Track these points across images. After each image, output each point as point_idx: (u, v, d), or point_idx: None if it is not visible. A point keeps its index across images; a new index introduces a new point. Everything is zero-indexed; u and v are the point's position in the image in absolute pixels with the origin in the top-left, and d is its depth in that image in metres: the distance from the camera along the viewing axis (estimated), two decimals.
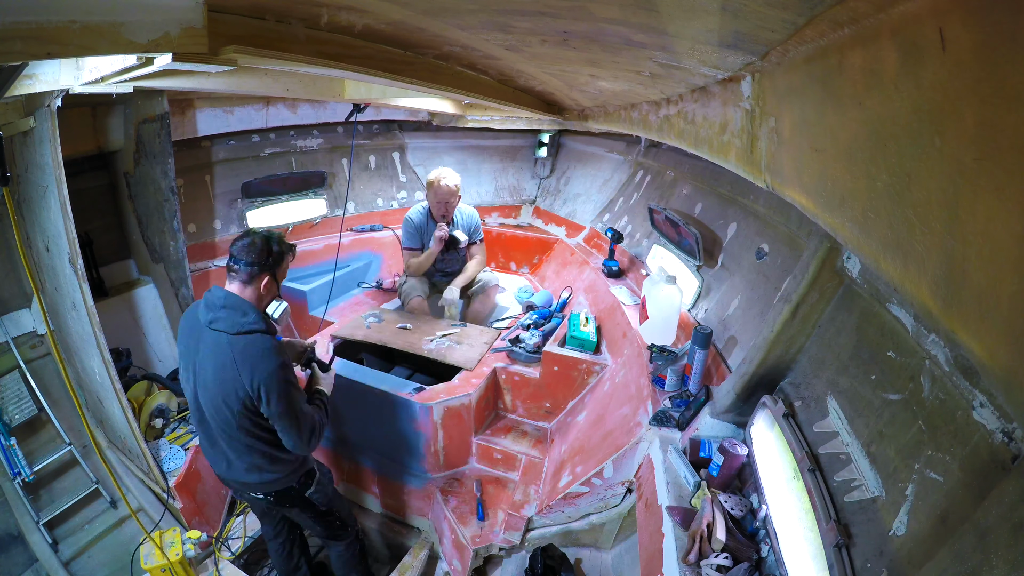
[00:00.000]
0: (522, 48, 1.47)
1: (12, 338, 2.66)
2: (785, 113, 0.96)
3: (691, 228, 2.53)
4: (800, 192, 0.95)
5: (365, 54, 1.50)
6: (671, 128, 1.75)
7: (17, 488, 2.55)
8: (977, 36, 0.48)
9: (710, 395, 1.95)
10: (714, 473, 1.67)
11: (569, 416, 2.87)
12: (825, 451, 1.36)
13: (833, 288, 1.52)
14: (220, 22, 1.16)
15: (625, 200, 3.99)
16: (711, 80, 1.26)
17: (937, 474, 1.01)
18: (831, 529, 1.19)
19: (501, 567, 2.48)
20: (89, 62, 1.60)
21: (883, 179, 0.66)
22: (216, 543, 2.58)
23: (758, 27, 0.79)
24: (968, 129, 0.51)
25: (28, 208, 2.33)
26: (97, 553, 2.65)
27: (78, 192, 2.17)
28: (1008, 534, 0.75)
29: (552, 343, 2.95)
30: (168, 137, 2.80)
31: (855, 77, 0.70)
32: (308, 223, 4.18)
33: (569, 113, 3.20)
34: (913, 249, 0.63)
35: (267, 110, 3.79)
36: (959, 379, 1.01)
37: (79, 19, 0.97)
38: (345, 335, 3.28)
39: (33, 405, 2.67)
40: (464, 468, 2.92)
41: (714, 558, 1.42)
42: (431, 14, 1.21)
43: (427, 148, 4.85)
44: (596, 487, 2.24)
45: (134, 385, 2.83)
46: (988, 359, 0.57)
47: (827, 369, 1.49)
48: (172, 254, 3.01)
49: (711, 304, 2.41)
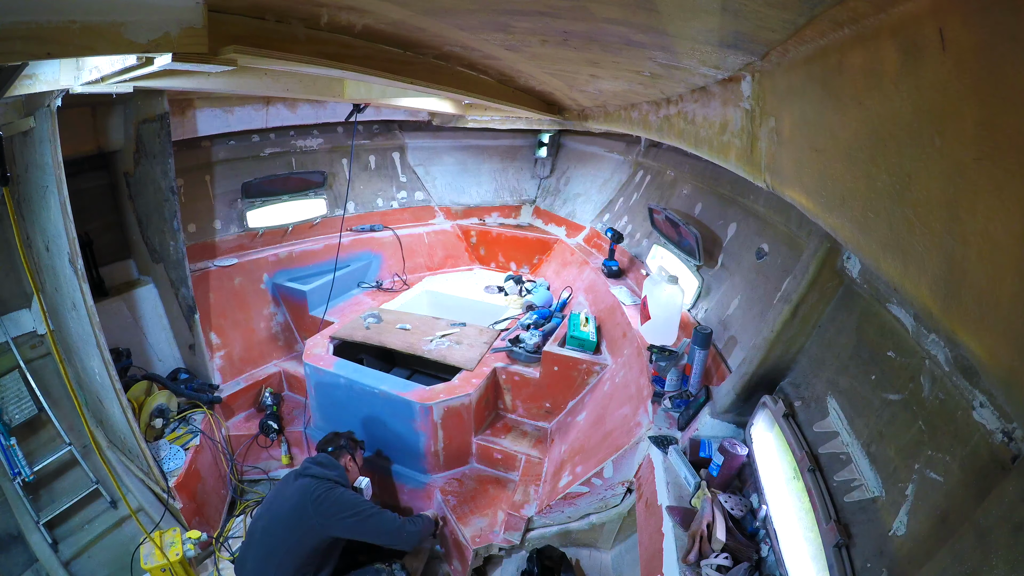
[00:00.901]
0: (522, 48, 1.47)
1: (12, 338, 2.66)
2: (785, 113, 0.96)
3: (691, 228, 2.53)
4: (800, 192, 0.94)
5: (365, 54, 1.50)
6: (671, 128, 1.75)
7: (17, 488, 2.54)
8: (977, 36, 0.48)
9: (710, 395, 1.95)
10: (714, 473, 1.67)
11: (569, 416, 2.87)
12: (825, 451, 1.36)
13: (833, 288, 1.52)
14: (220, 22, 1.16)
15: (625, 200, 3.99)
16: (711, 80, 1.26)
17: (937, 474, 1.01)
18: (831, 529, 1.19)
19: (501, 567, 2.48)
20: (89, 62, 1.60)
21: (883, 179, 0.66)
22: (216, 543, 2.58)
23: (758, 27, 0.79)
24: (968, 129, 0.51)
25: (28, 208, 2.33)
26: (97, 553, 2.64)
27: (78, 192, 2.17)
28: (1008, 534, 0.75)
29: (552, 343, 2.95)
30: (168, 137, 2.80)
31: (855, 77, 0.70)
32: (308, 223, 4.18)
33: (569, 113, 3.20)
34: (913, 249, 0.63)
35: (267, 110, 3.79)
36: (959, 379, 1.01)
37: (79, 19, 0.97)
38: (344, 336, 3.28)
39: (33, 405, 2.67)
40: (464, 468, 2.92)
41: (714, 558, 1.42)
42: (431, 14, 1.21)
43: (427, 148, 4.85)
44: (596, 487, 2.24)
45: (134, 385, 2.83)
46: (988, 359, 0.57)
47: (827, 369, 1.49)
48: (172, 254, 3.01)
49: (711, 304, 2.41)
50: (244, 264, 3.74)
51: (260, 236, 3.93)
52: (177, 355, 3.34)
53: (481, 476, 2.87)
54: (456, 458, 2.90)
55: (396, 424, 2.82)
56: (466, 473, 2.89)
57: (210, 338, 3.44)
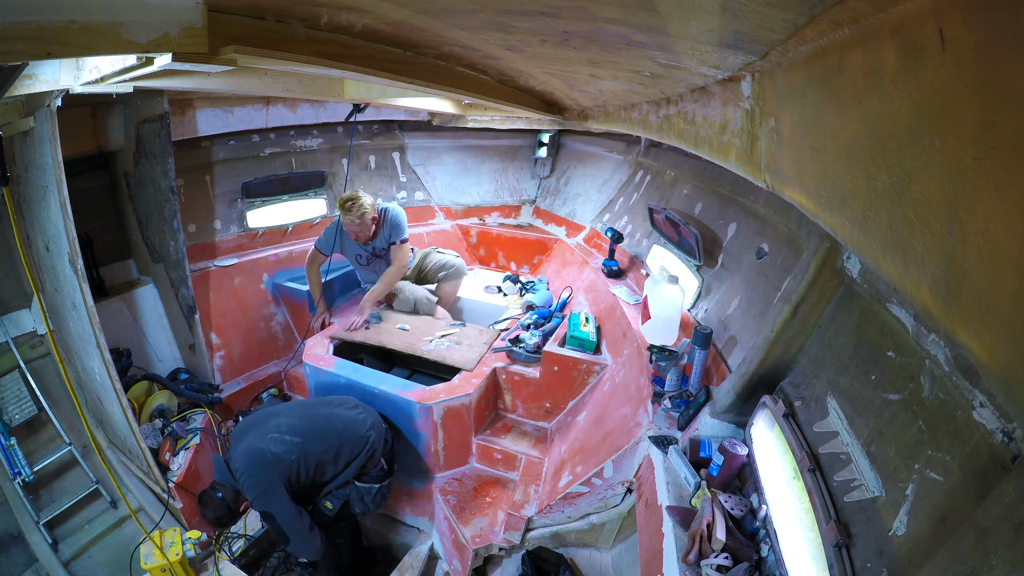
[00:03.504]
0: (522, 48, 1.47)
1: (12, 338, 2.66)
2: (785, 113, 0.96)
3: (691, 228, 2.53)
4: (800, 192, 0.94)
5: (365, 54, 1.50)
6: (671, 128, 1.75)
7: (17, 488, 2.54)
8: (977, 36, 0.48)
9: (710, 395, 1.95)
10: (714, 473, 1.67)
11: (569, 416, 2.87)
12: (825, 451, 1.36)
13: (833, 288, 1.52)
14: (220, 22, 1.16)
15: (625, 200, 3.99)
16: (711, 80, 1.26)
17: (937, 474, 1.01)
18: (831, 529, 1.19)
19: (501, 567, 2.48)
20: (89, 62, 1.60)
21: (883, 179, 0.66)
22: (216, 543, 2.58)
23: (758, 27, 0.79)
24: (968, 129, 0.51)
25: (28, 208, 2.33)
26: (97, 553, 2.65)
27: (78, 192, 2.17)
28: (1008, 534, 0.75)
29: (552, 343, 2.95)
30: (168, 137, 2.79)
31: (855, 77, 0.70)
32: (308, 223, 4.18)
33: (569, 113, 3.20)
34: (913, 249, 0.63)
35: (267, 110, 3.79)
36: (959, 379, 1.01)
37: (79, 19, 0.97)
38: (344, 336, 3.28)
39: (33, 405, 2.67)
40: (464, 468, 2.92)
41: (714, 558, 1.42)
42: (431, 14, 1.21)
43: (427, 148, 4.85)
44: (596, 487, 2.24)
45: (134, 385, 2.83)
46: (988, 359, 0.57)
47: (827, 369, 1.49)
48: (172, 254, 3.01)
49: (711, 304, 2.41)
50: (244, 264, 3.74)
51: (260, 236, 3.93)
52: (177, 355, 3.34)
53: (481, 476, 2.87)
54: (456, 458, 2.90)
55: (396, 424, 2.82)
56: (466, 473, 2.89)
57: (210, 338, 3.44)
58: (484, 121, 4.31)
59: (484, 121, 4.31)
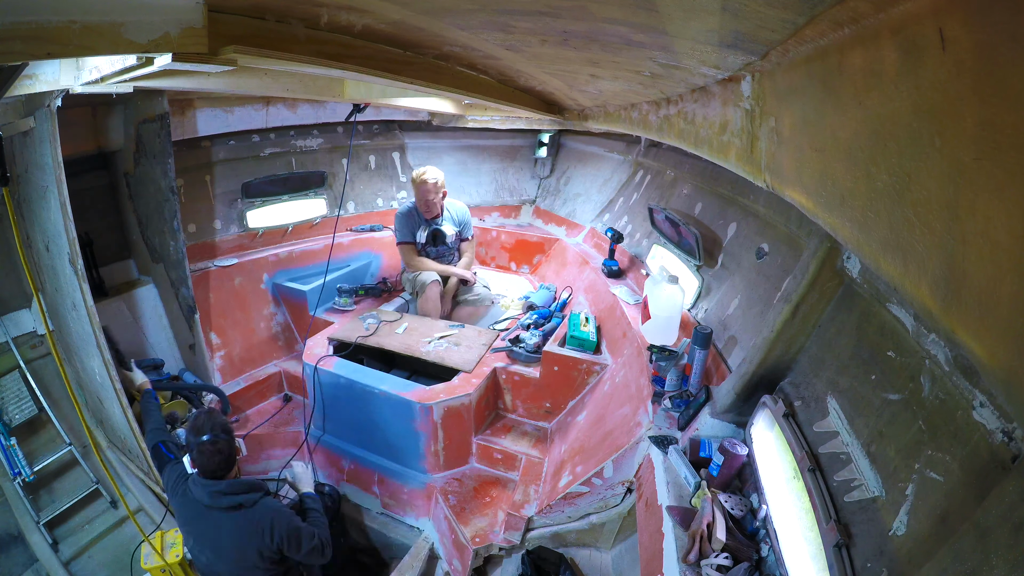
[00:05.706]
0: (522, 48, 1.47)
1: (12, 338, 2.66)
2: (785, 113, 0.96)
3: (691, 228, 2.53)
4: (800, 192, 0.94)
5: (365, 54, 1.50)
6: (671, 128, 1.75)
7: (17, 488, 2.54)
8: (977, 36, 0.48)
9: (710, 395, 1.95)
10: (714, 473, 1.67)
11: (569, 416, 2.87)
12: (825, 451, 1.36)
13: (833, 288, 1.52)
14: (220, 22, 1.16)
15: (625, 200, 3.99)
16: (711, 80, 1.26)
17: (937, 474, 1.01)
18: (831, 529, 1.19)
19: (501, 567, 2.48)
20: (89, 62, 1.60)
21: (883, 179, 0.66)
22: None
23: (758, 27, 0.79)
24: (968, 129, 0.51)
25: (28, 208, 2.33)
26: (97, 553, 2.64)
27: (78, 192, 2.17)
28: (1008, 534, 0.75)
29: (552, 343, 2.95)
30: (168, 137, 2.79)
31: (855, 77, 0.70)
32: (308, 223, 4.18)
33: (569, 113, 3.20)
34: (913, 249, 0.63)
35: (267, 110, 3.79)
36: (959, 379, 1.01)
37: (79, 19, 0.97)
38: (343, 337, 3.28)
39: (33, 405, 2.67)
40: (464, 468, 2.92)
41: (714, 558, 1.42)
42: (431, 14, 1.21)
43: (427, 148, 4.85)
44: (596, 487, 2.24)
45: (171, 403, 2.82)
46: (988, 359, 0.57)
47: (827, 369, 1.49)
48: (172, 254, 3.01)
49: (711, 304, 2.41)
50: (244, 264, 3.74)
51: (260, 236, 3.93)
52: (177, 355, 3.34)
53: (481, 476, 2.87)
54: (456, 458, 2.90)
55: (396, 424, 2.82)
56: (466, 473, 2.89)
57: (210, 338, 3.44)
58: (484, 121, 4.30)
59: (484, 121, 4.30)
